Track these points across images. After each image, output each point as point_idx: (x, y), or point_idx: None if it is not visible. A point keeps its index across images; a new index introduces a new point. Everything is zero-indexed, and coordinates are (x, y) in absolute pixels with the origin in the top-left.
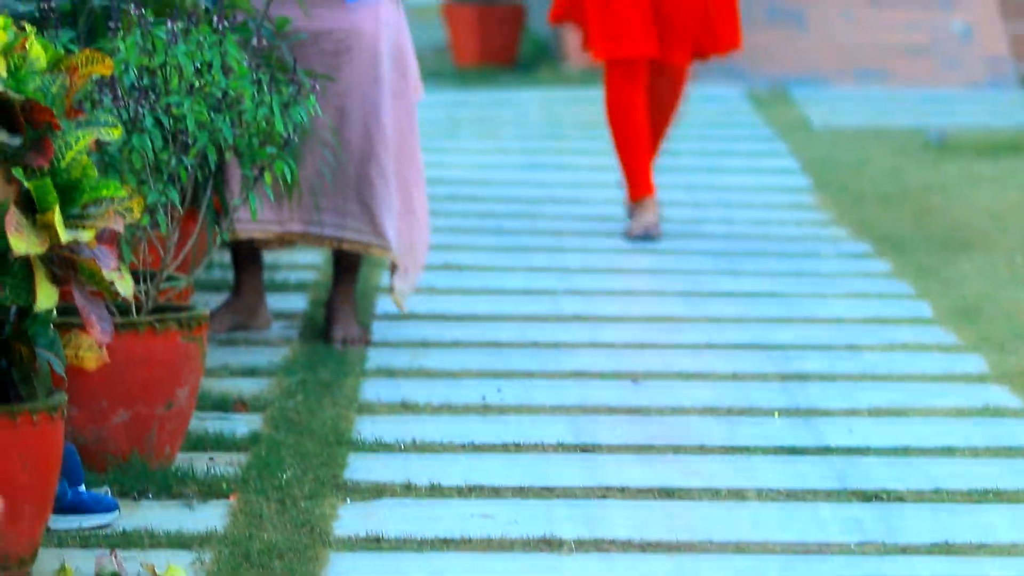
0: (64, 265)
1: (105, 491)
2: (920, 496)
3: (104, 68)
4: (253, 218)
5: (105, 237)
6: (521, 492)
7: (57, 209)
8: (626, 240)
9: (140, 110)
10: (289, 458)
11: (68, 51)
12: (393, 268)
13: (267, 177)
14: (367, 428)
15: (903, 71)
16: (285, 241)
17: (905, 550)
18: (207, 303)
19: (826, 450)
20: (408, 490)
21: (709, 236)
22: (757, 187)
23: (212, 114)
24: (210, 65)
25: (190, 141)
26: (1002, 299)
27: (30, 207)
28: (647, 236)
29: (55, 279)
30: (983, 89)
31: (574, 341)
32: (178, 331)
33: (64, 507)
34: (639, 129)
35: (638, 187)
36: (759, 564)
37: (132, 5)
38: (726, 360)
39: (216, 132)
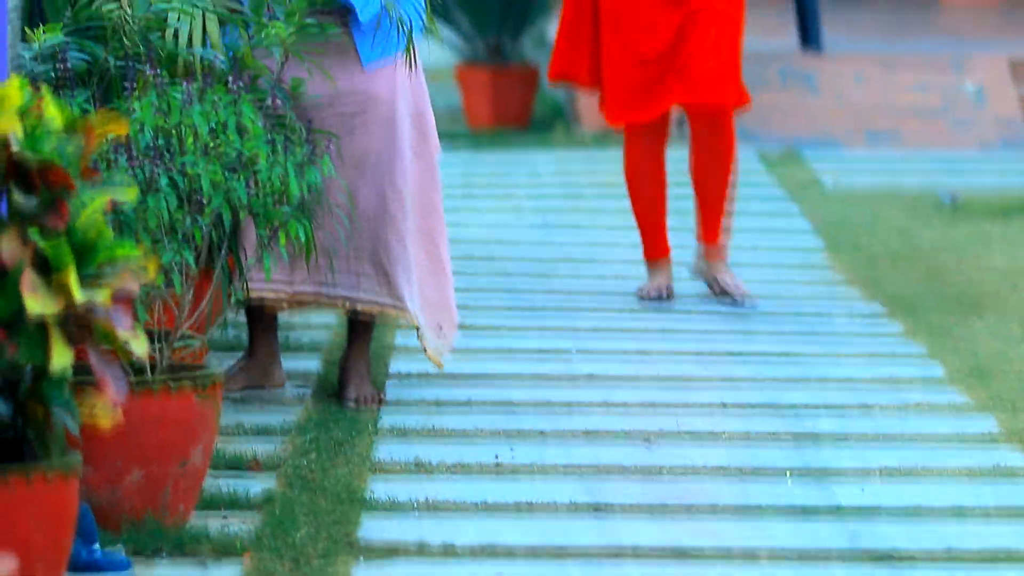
0: (79, 325)
1: (119, 550)
2: (932, 557)
3: (119, 129)
4: (267, 279)
5: (120, 297)
6: (534, 552)
7: (72, 270)
8: (638, 300)
9: (155, 171)
10: (302, 517)
11: (84, 112)
12: (416, 329)
13: (281, 238)
14: (380, 488)
15: (915, 132)
16: (297, 302)
17: None
18: (221, 363)
19: (838, 510)
20: (421, 550)
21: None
22: (769, 247)
23: (227, 175)
24: (225, 126)
25: (205, 202)
26: (1014, 359)
27: (45, 268)
28: (659, 297)
29: (70, 339)
30: (995, 150)
31: (587, 401)
32: (192, 391)
33: (78, 566)
34: (655, 189)
35: (653, 248)
36: None
37: (148, 66)
38: (738, 420)
39: (231, 193)
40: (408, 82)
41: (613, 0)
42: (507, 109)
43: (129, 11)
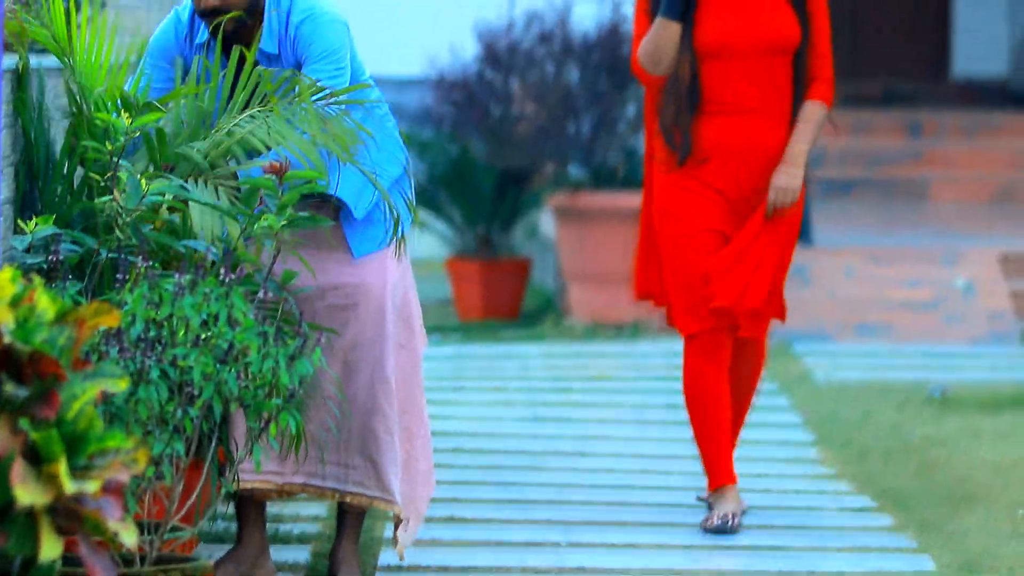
0: (69, 516)
1: None
2: None
3: (111, 320)
4: (257, 470)
5: (110, 488)
6: None
7: (63, 460)
8: (702, 532)
9: (146, 362)
10: None
11: (75, 303)
12: (397, 521)
13: (272, 429)
14: None
15: (906, 326)
16: (286, 492)
17: None
18: (211, 554)
19: None
20: None
21: None
22: (759, 441)
23: (218, 366)
24: (216, 317)
25: (196, 393)
26: (1004, 554)
27: (36, 458)
28: (724, 527)
29: (60, 530)
30: (985, 344)
31: None
32: None
33: None
34: (721, 413)
35: (717, 475)
36: None
37: (139, 258)
38: None
39: (222, 384)
40: (396, 272)
41: (670, 213)
42: (497, 301)
43: (121, 203)
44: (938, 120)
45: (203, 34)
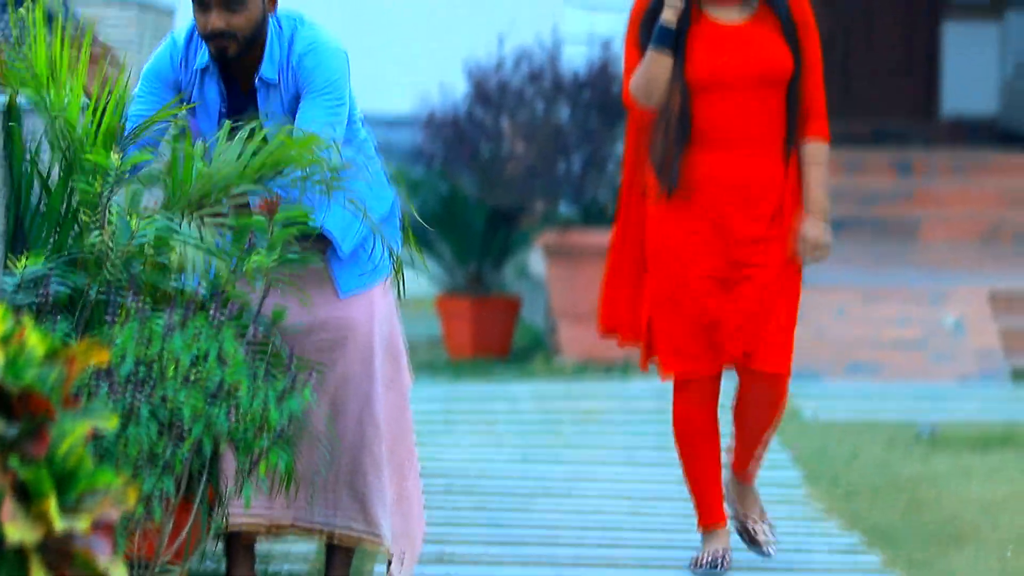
0: (59, 553)
1: None
2: None
3: (101, 358)
4: (246, 508)
5: (100, 525)
6: None
7: (53, 498)
8: (692, 570)
9: (136, 400)
10: None
11: (65, 341)
12: (389, 559)
13: (262, 467)
14: None
15: (895, 365)
16: (275, 530)
17: None
18: None
19: None
20: None
21: None
22: None
23: (208, 404)
24: (206, 355)
25: (185, 431)
26: None
27: (26, 495)
28: (714, 566)
29: (50, 567)
30: (974, 382)
31: None
32: None
33: None
34: (711, 453)
35: (708, 514)
36: None
37: (129, 296)
38: None
39: (211, 422)
40: (383, 309)
41: (664, 251)
42: (487, 339)
43: (111, 241)
44: (928, 159)
45: (202, 59)
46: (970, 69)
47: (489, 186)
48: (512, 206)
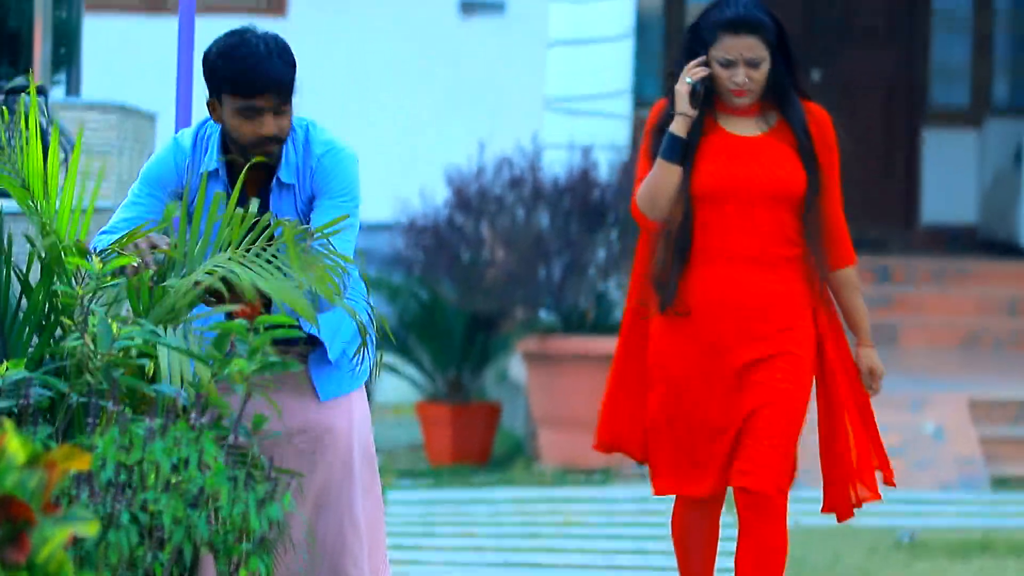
0: None
1: None
2: None
3: (81, 464)
4: None
5: None
6: None
7: None
8: None
9: (117, 506)
10: None
11: (46, 447)
12: None
13: (242, 573)
14: None
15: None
16: None
17: None
18: None
19: None
20: None
21: None
22: None
23: (188, 510)
24: (187, 462)
25: (166, 537)
26: None
27: None
28: None
29: None
30: (954, 490)
31: None
32: None
33: None
34: (707, 557)
35: None
36: None
37: (111, 402)
38: None
39: (192, 528)
40: (360, 413)
41: (659, 368)
42: (467, 445)
43: (92, 347)
44: (907, 266)
45: (210, 163)
46: (949, 177)
47: (469, 292)
48: (492, 312)
